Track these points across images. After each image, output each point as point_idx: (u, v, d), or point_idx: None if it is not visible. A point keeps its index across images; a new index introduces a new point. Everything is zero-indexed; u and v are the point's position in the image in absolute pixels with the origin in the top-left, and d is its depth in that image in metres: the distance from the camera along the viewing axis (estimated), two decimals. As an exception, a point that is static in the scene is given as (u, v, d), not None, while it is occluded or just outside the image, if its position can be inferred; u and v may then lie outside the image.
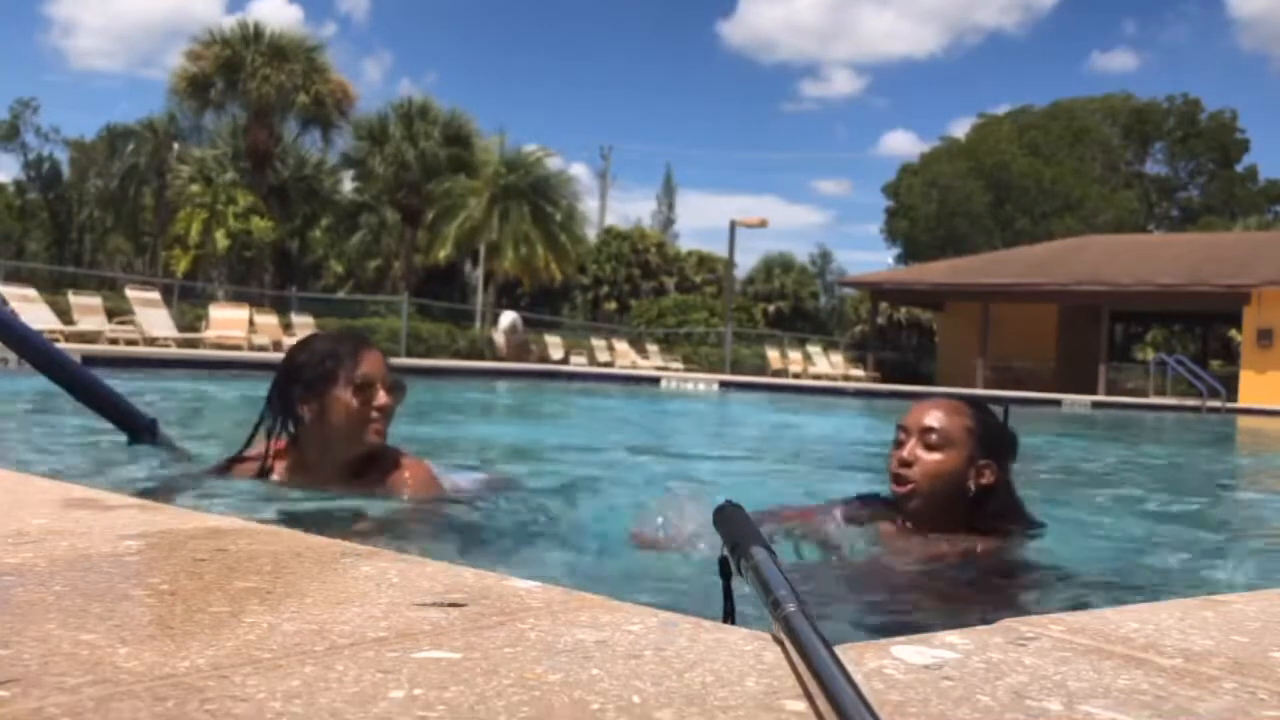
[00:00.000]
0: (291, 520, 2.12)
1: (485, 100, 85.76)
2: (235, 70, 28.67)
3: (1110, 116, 48.80)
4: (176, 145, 36.32)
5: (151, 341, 15.49)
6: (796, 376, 24.41)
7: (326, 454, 2.42)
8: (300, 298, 25.01)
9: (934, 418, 2.22)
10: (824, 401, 15.00)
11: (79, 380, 3.15)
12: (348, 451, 2.42)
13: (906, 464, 2.20)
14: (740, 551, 1.09)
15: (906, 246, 46.89)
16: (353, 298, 30.29)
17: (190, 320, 18.33)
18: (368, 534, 2.23)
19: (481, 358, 22.44)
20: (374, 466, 2.44)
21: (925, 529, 2.23)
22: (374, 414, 2.39)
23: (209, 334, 16.79)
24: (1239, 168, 48.80)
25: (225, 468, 2.54)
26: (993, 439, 2.24)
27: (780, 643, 0.94)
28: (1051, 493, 4.45)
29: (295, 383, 2.40)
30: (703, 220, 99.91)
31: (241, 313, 17.91)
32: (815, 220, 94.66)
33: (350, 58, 79.22)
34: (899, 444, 2.24)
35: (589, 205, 39.98)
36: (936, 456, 2.19)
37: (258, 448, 2.49)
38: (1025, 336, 25.82)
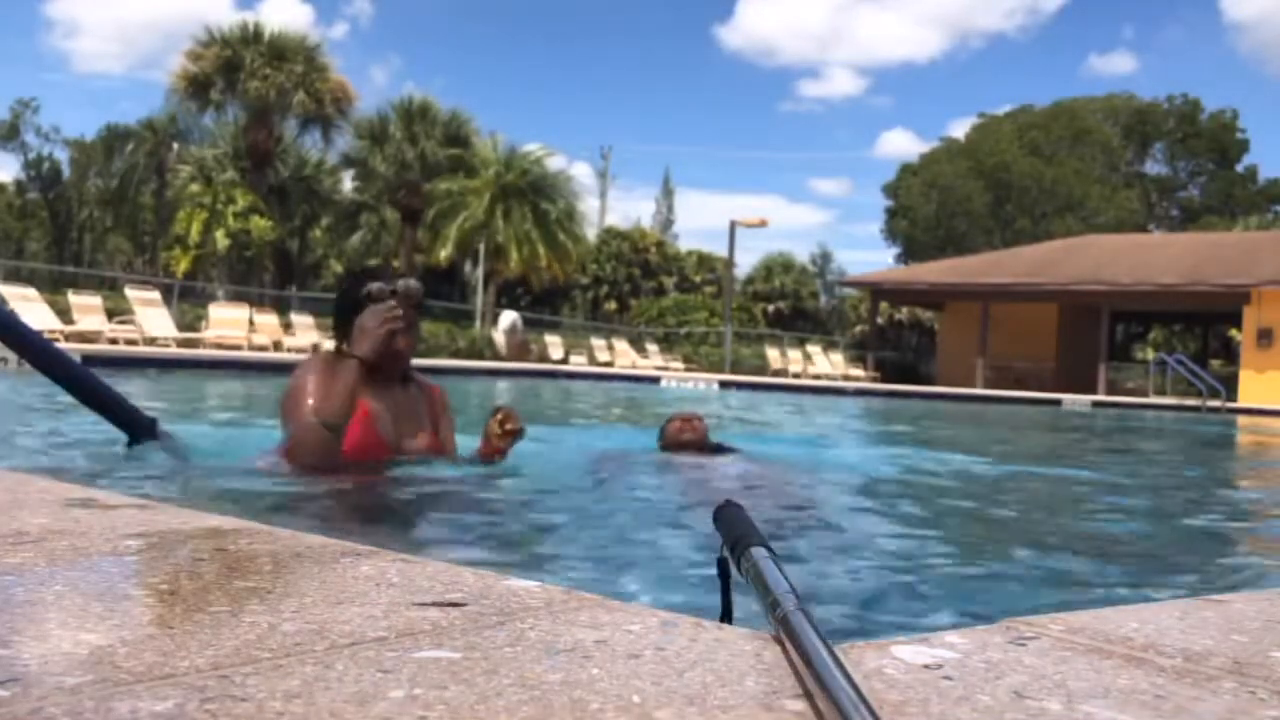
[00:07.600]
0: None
1: (487, 101, 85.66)
2: (235, 70, 28.66)
3: (1111, 117, 48.80)
4: (176, 145, 36.31)
5: (151, 341, 15.51)
6: (796, 376, 24.42)
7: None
8: (300, 297, 25.03)
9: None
10: (825, 402, 14.99)
11: (79, 380, 3.15)
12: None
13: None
14: (740, 551, 1.09)
15: (906, 246, 46.91)
16: (353, 297, 30.13)
17: (190, 320, 18.34)
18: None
19: (481, 357, 22.44)
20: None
21: None
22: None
23: (209, 334, 16.79)
24: (1239, 168, 48.83)
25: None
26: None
27: (780, 643, 0.94)
28: (1052, 492, 4.46)
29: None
30: (703, 220, 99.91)
31: (241, 312, 17.92)
32: (815, 220, 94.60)
33: (359, 61, 79.30)
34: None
35: (589, 205, 39.93)
36: None
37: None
38: (1025, 336, 25.81)
